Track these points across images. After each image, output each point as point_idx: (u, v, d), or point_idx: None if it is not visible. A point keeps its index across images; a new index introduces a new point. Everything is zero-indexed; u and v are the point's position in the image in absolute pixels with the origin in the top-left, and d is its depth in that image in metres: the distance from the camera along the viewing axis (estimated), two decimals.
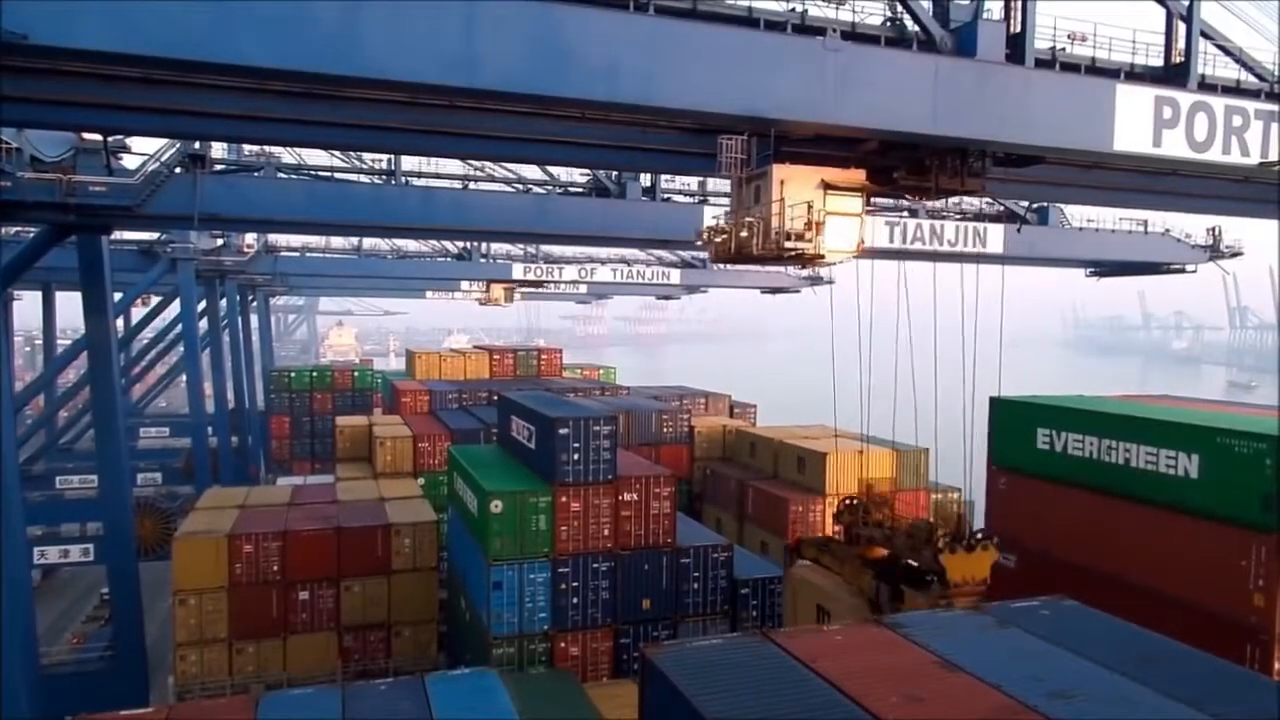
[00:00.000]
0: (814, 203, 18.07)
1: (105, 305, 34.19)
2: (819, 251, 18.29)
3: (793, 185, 18.06)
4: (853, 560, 20.11)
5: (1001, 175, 20.73)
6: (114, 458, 35.04)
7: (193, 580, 24.45)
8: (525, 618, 21.74)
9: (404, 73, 13.71)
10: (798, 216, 17.88)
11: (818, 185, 18.34)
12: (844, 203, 18.67)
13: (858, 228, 19.05)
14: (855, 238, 19.03)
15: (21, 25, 11.72)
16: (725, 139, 17.47)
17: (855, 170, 18.84)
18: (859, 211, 19.03)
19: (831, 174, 18.49)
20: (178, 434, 73.78)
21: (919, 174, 19.14)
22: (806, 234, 17.97)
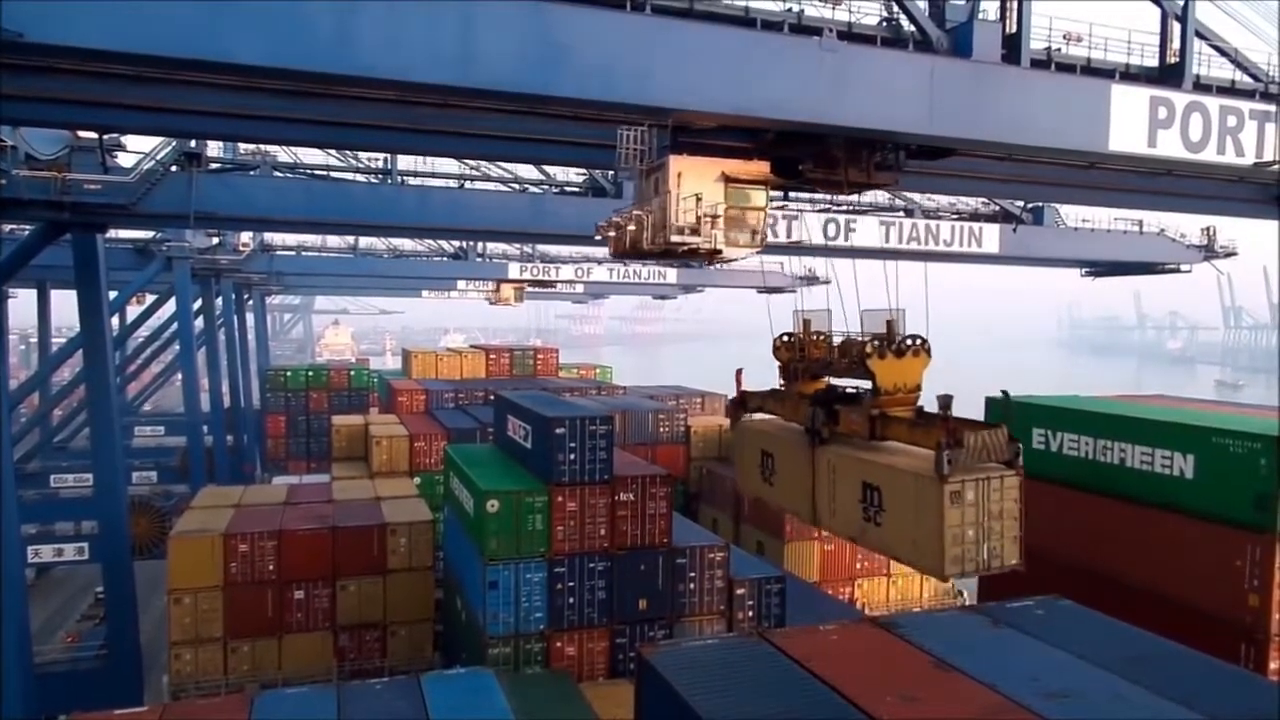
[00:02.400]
0: (704, 196, 17.26)
1: (100, 304, 34.08)
2: (715, 247, 17.47)
3: (691, 178, 17.19)
4: (794, 398, 19.75)
5: (918, 169, 20.34)
6: (109, 456, 34.94)
7: (188, 579, 24.38)
8: (521, 617, 21.69)
9: (399, 71, 13.67)
10: (688, 210, 17.11)
11: (718, 178, 17.47)
12: (746, 196, 17.79)
13: (760, 222, 18.15)
14: (757, 232, 18.14)
15: (17, 23, 11.67)
16: (624, 130, 16.68)
17: (759, 162, 18.01)
18: (762, 205, 18.11)
19: (733, 166, 17.63)
20: (173, 433, 73.52)
21: (828, 167, 18.37)
22: (704, 229, 17.16)
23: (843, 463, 17.64)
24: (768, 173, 17.99)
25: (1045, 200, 37.05)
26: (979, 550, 15.34)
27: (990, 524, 15.32)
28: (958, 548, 15.12)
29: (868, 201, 37.43)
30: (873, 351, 17.33)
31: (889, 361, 17.27)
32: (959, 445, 15.07)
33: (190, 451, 60.46)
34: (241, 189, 33.05)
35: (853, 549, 32.22)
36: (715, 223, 17.23)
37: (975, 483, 15.20)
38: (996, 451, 15.42)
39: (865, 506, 16.83)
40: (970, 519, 15.22)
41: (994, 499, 15.39)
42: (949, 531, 15.02)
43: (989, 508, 15.32)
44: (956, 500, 15.06)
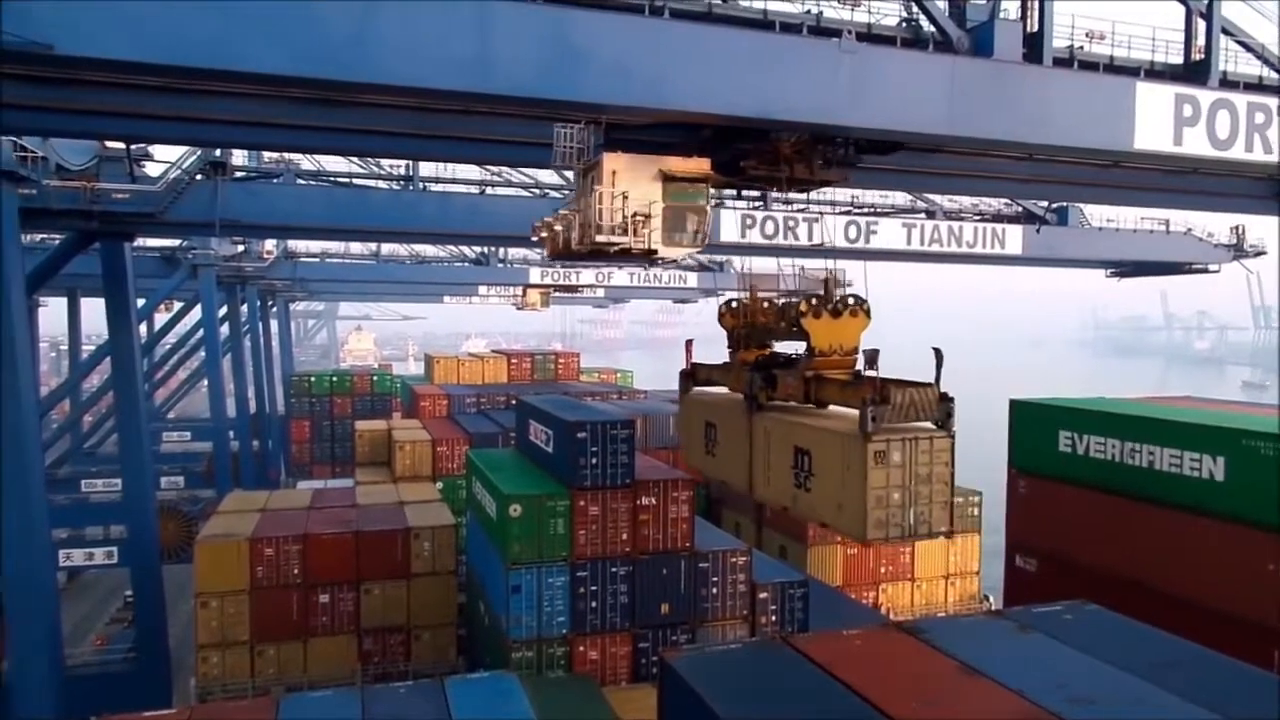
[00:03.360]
0: (641, 194, 16.61)
1: (128, 311, 34.56)
2: (648, 247, 16.80)
3: (626, 176, 16.52)
4: (737, 367, 19.29)
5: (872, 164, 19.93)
6: (137, 461, 35.39)
7: (214, 583, 24.59)
8: (544, 621, 21.69)
9: (416, 78, 13.76)
10: (615, 210, 16.47)
11: (655, 176, 16.76)
12: (686, 194, 17.01)
13: (703, 220, 17.40)
14: (699, 231, 17.41)
15: (46, 36, 11.88)
16: (561, 127, 16.08)
17: (699, 159, 17.31)
18: (702, 204, 17.37)
19: (672, 164, 16.90)
20: (200, 438, 74.44)
21: (771, 163, 17.79)
22: (640, 229, 16.46)
23: (777, 428, 17.21)
24: (708, 170, 17.25)
25: (1069, 200, 36.69)
26: (905, 514, 14.82)
27: (918, 487, 14.76)
28: (881, 510, 14.62)
29: (890, 203, 37.25)
30: (807, 310, 16.76)
31: (825, 321, 16.69)
32: (884, 402, 14.56)
33: (216, 457, 61.09)
34: (265, 197, 33.40)
35: (876, 553, 32.00)
36: (647, 222, 16.52)
37: (902, 442, 14.66)
38: (925, 409, 14.88)
39: (796, 472, 16.40)
40: (896, 481, 14.68)
41: (922, 461, 14.81)
42: (872, 493, 14.50)
43: (917, 470, 14.75)
44: (881, 460, 14.53)
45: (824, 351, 16.67)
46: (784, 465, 16.76)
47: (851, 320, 16.81)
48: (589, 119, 16.20)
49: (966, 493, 33.16)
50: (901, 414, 14.71)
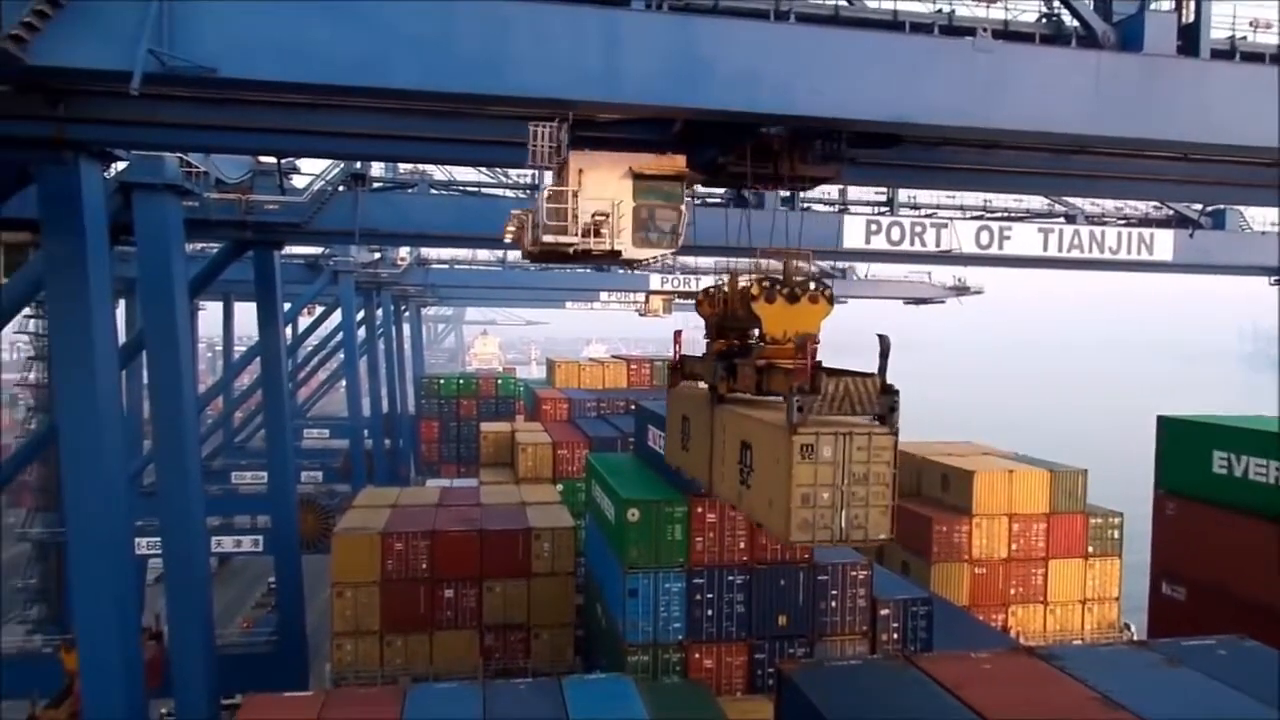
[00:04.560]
0: (599, 193, 15.69)
1: (276, 315, 36.88)
2: (610, 248, 15.85)
3: (594, 175, 15.68)
4: (710, 357, 18.16)
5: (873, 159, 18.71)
6: (281, 457, 37.66)
7: (349, 574, 25.81)
8: (660, 627, 21.73)
9: (545, 89, 14.10)
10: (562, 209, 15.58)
11: (625, 174, 15.84)
12: (659, 193, 16.04)
13: (677, 221, 16.29)
14: (671, 232, 16.30)
15: (211, 60, 12.83)
16: (535, 125, 15.26)
17: (673, 157, 16.18)
18: (675, 203, 16.25)
19: (643, 161, 15.97)
20: (337, 435, 78.59)
21: (760, 159, 16.64)
22: (600, 228, 15.61)
23: (730, 421, 16.17)
24: (683, 167, 16.23)
25: (1228, 202, 34.05)
26: (836, 517, 13.44)
27: (853, 488, 13.41)
28: (808, 511, 13.31)
29: (1025, 207, 35.60)
30: (759, 294, 15.56)
31: (779, 306, 15.45)
32: (813, 391, 13.37)
33: (352, 454, 64.36)
34: (400, 206, 34.95)
35: (1005, 572, 30.63)
36: (606, 221, 15.65)
37: (834, 437, 13.35)
38: (863, 402, 13.57)
39: (741, 468, 15.35)
40: (826, 479, 13.38)
41: (859, 459, 13.45)
42: (797, 490, 13.25)
43: (851, 469, 13.39)
44: (808, 455, 13.26)
45: (777, 339, 15.52)
46: (733, 460, 15.91)
47: (810, 307, 15.64)
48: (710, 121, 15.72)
49: (1106, 513, 31.36)
50: (834, 405, 13.50)
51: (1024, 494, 30.84)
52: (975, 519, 30.45)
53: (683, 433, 19.73)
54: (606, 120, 15.86)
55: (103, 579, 20.85)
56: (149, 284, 25.53)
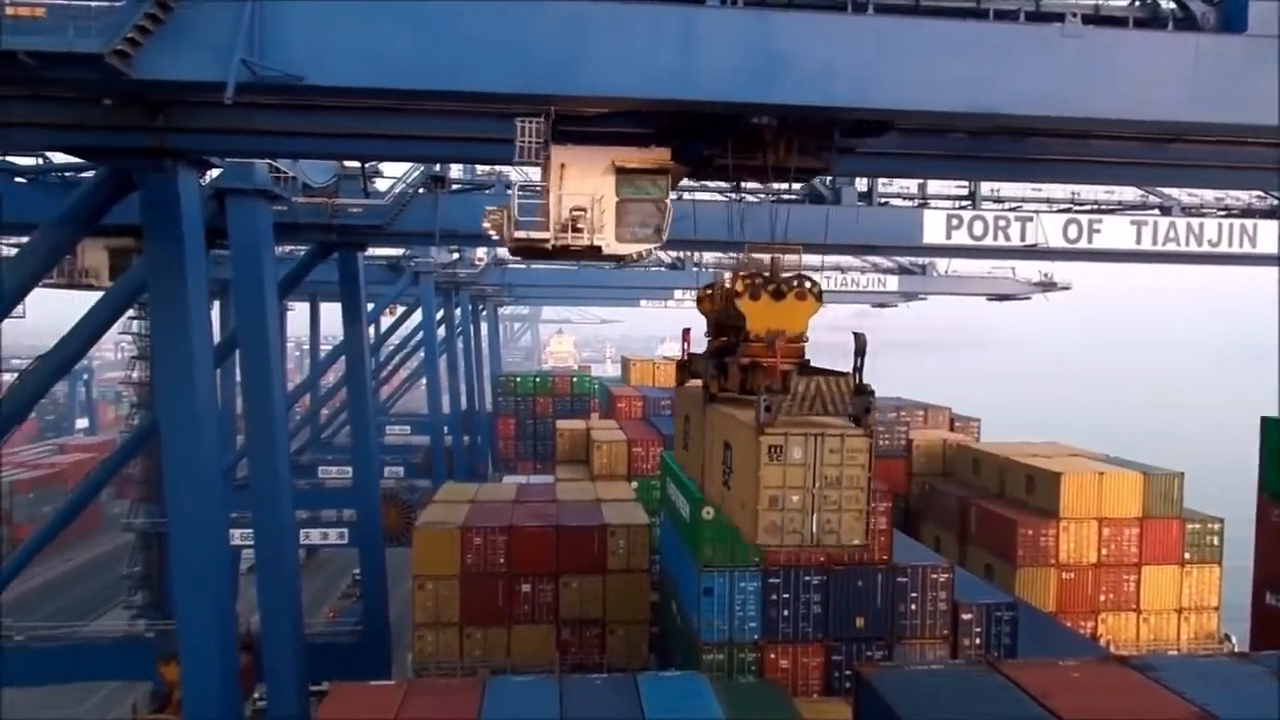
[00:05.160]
0: (581, 189, 15.38)
1: (360, 315, 37.96)
2: (588, 244, 15.46)
3: (576, 170, 15.34)
4: (705, 357, 17.86)
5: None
6: (365, 452, 38.75)
7: (430, 567, 26.43)
8: (735, 626, 21.68)
9: (622, 88, 14.15)
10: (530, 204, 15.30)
11: (607, 169, 15.39)
12: (643, 187, 15.66)
13: (662, 216, 15.87)
14: (656, 228, 15.89)
15: (298, 68, 13.29)
16: (522, 121, 14.96)
17: (657, 150, 15.80)
18: (660, 197, 15.84)
19: (625, 155, 15.60)
20: (418, 432, 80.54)
21: (745, 151, 15.95)
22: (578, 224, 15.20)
23: (717, 420, 15.93)
24: (668, 161, 15.82)
25: None
26: (807, 521, 13.01)
27: (825, 491, 12.99)
28: (776, 514, 12.94)
29: (1116, 199, 34.20)
30: (743, 291, 15.19)
31: (764, 304, 15.05)
32: (783, 390, 13.02)
33: (432, 450, 65.83)
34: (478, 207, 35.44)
35: (1095, 578, 29.60)
36: (583, 217, 15.29)
37: (804, 438, 12.94)
38: (836, 402, 13.11)
39: (724, 468, 15.06)
40: (796, 481, 12.99)
41: (831, 461, 13.01)
42: (765, 493, 12.90)
43: (824, 471, 12.97)
44: (777, 456, 12.90)
45: (759, 337, 15.22)
46: (718, 460, 15.70)
47: (798, 304, 15.34)
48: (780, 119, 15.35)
49: (1204, 519, 29.98)
50: (805, 405, 13.13)
51: (1115, 497, 29.72)
52: (1063, 522, 29.47)
53: (685, 432, 19.62)
54: (591, 114, 15.62)
55: (200, 567, 21.77)
56: (242, 285, 26.58)
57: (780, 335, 14.38)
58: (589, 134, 15.52)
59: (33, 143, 22.51)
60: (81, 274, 33.11)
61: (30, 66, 12.41)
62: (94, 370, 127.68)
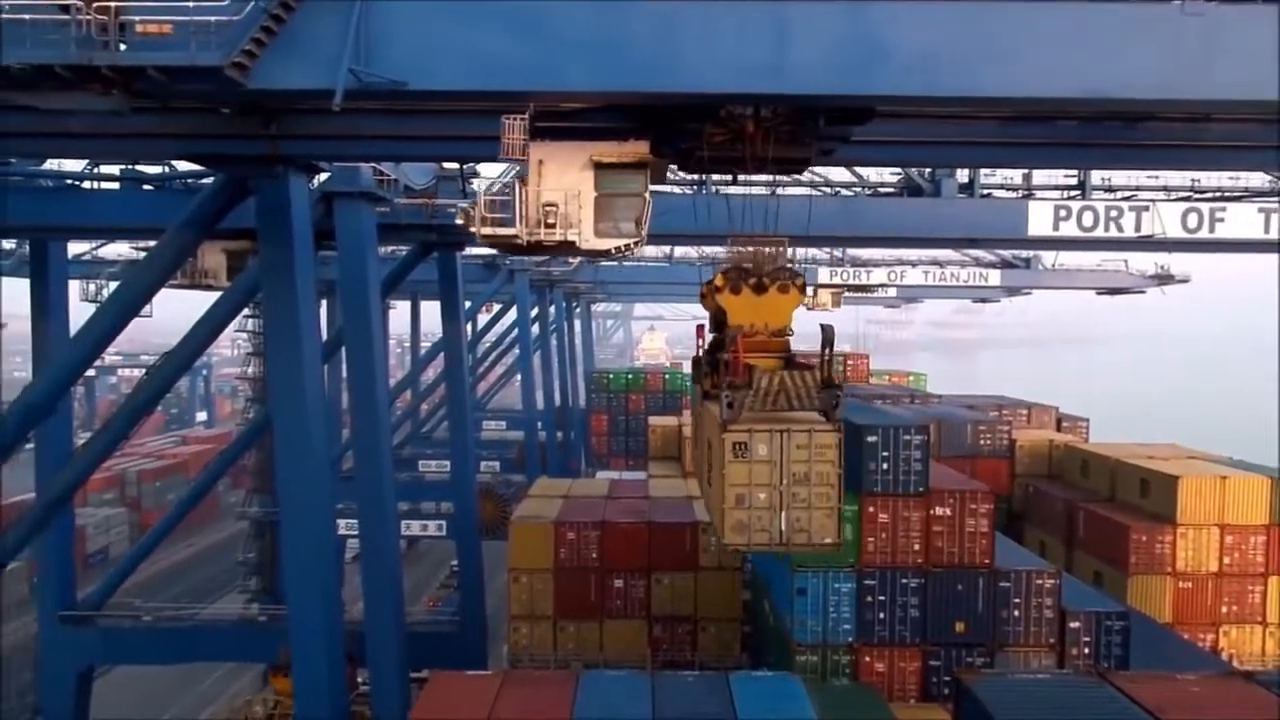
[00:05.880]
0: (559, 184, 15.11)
1: (458, 313, 38.96)
2: (560, 239, 15.09)
3: (554, 166, 15.12)
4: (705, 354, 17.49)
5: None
6: (463, 447, 39.78)
7: (525, 561, 26.99)
8: (829, 627, 21.43)
9: (715, 84, 14.08)
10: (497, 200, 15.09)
11: (585, 165, 15.15)
12: (622, 182, 15.30)
13: (639, 211, 15.44)
14: (634, 222, 15.43)
15: (401, 74, 13.76)
16: (508, 119, 14.79)
17: (636, 143, 15.42)
18: (639, 192, 15.40)
19: (603, 150, 15.29)
20: (513, 427, 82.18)
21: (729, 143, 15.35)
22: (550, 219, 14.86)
23: (706, 417, 15.68)
24: (646, 154, 15.43)
25: None
26: (775, 519, 12.81)
27: (794, 489, 12.79)
28: (743, 512, 12.79)
29: (1242, 185, 32.18)
30: (723, 284, 15.04)
31: (745, 298, 14.84)
32: (745, 386, 12.79)
33: (526, 445, 67.06)
34: None
35: (1216, 588, 28.03)
36: (554, 213, 15.00)
37: (770, 434, 12.75)
38: (801, 397, 12.87)
39: (708, 466, 14.88)
40: (763, 479, 12.82)
41: (799, 457, 12.80)
42: (730, 490, 12.77)
43: (791, 468, 12.76)
44: (741, 453, 12.79)
45: (743, 330, 14.90)
46: (705, 458, 15.63)
47: (780, 297, 15.07)
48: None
49: None
50: (769, 400, 12.92)
51: (1239, 503, 28.03)
52: (1180, 529, 28.00)
53: (694, 431, 19.59)
54: (570, 110, 15.48)
55: (309, 554, 22.79)
56: (347, 284, 27.68)
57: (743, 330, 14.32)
58: (568, 129, 15.50)
59: (160, 152, 23.98)
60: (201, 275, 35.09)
61: (158, 81, 13.21)
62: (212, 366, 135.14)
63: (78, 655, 32.00)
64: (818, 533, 13.17)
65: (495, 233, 14.83)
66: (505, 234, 14.82)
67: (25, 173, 27.36)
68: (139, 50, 13.00)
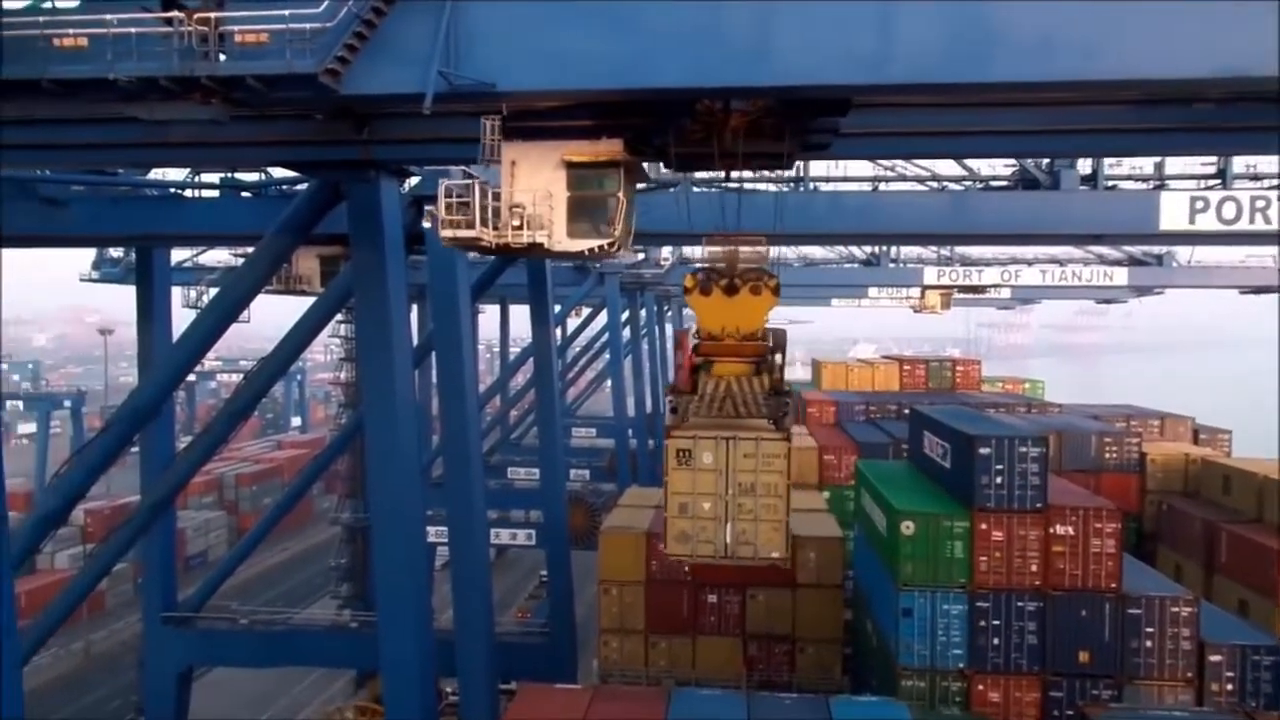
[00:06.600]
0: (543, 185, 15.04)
1: (547, 316, 39.57)
2: (529, 242, 14.92)
3: (526, 167, 15.19)
4: None
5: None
6: (552, 454, 40.37)
7: (615, 572, 27.12)
8: (938, 651, 20.85)
9: (812, 76, 13.90)
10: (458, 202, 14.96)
11: (557, 165, 15.10)
12: (596, 182, 15.09)
13: (616, 210, 15.12)
14: (608, 224, 15.10)
15: (491, 76, 14.07)
16: (487, 120, 14.74)
17: (609, 143, 15.23)
18: (613, 192, 15.10)
19: (575, 149, 15.10)
20: (603, 434, 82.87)
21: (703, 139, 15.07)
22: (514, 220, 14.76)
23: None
24: (619, 153, 15.17)
25: None
26: (720, 531, 12.82)
27: (740, 499, 12.78)
28: (686, 522, 12.90)
29: None
30: (693, 286, 14.89)
31: (715, 300, 14.56)
32: (690, 391, 12.87)
33: (617, 453, 67.51)
34: (662, 206, 36.08)
35: None
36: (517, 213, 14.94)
37: (715, 442, 12.79)
38: (748, 403, 12.83)
39: None
40: (707, 488, 12.82)
41: (745, 466, 12.74)
42: (674, 499, 12.90)
43: (737, 478, 12.72)
44: (685, 460, 12.89)
45: (714, 335, 14.54)
46: None
47: (752, 299, 14.82)
48: None
49: None
50: (715, 406, 12.91)
51: None
52: None
53: None
54: (543, 108, 15.44)
55: (399, 560, 23.48)
56: (438, 289, 28.45)
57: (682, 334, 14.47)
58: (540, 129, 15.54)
59: (257, 159, 25.19)
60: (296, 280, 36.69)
61: (256, 89, 13.88)
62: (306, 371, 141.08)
63: (178, 656, 33.80)
64: (764, 547, 13.16)
65: (457, 235, 14.97)
66: (467, 236, 14.93)
67: (131, 182, 29.11)
68: (237, 60, 13.69)
